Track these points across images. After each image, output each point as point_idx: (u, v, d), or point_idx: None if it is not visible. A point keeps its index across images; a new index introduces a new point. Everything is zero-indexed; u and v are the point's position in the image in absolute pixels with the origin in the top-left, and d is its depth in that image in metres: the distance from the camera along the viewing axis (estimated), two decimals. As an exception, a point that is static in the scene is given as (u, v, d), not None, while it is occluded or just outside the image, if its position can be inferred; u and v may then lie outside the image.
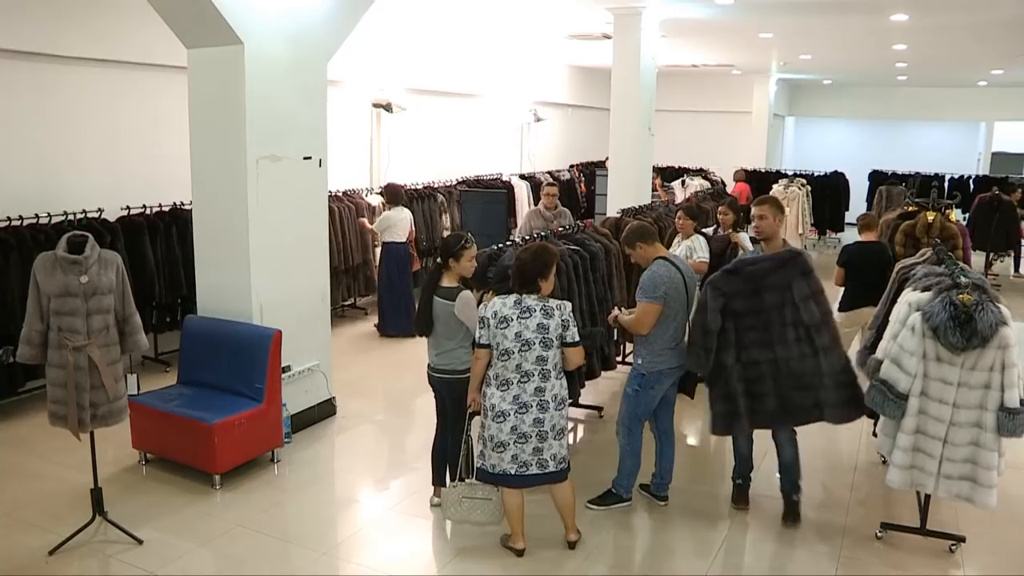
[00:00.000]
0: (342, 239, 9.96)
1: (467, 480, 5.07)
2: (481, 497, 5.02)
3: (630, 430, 5.60)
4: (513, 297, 4.77)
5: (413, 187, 11.79)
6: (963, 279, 4.77)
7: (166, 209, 8.35)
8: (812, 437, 7.08)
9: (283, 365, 6.26)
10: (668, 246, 7.48)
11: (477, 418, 5.02)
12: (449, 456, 5.48)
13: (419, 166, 12.76)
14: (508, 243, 6.43)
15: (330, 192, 9.33)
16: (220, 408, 5.88)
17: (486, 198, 12.45)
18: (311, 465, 6.44)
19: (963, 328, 4.53)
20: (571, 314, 4.84)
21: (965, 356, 4.63)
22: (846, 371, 5.26)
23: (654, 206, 9.42)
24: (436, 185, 12.42)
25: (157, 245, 8.12)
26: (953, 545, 5.25)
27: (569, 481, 5.01)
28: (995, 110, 21.57)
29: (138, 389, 5.66)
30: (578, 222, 7.56)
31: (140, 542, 5.03)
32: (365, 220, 10.01)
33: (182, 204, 8.22)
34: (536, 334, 4.69)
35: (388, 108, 11.74)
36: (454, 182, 13.02)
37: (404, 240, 9.76)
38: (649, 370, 5.43)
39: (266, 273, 6.38)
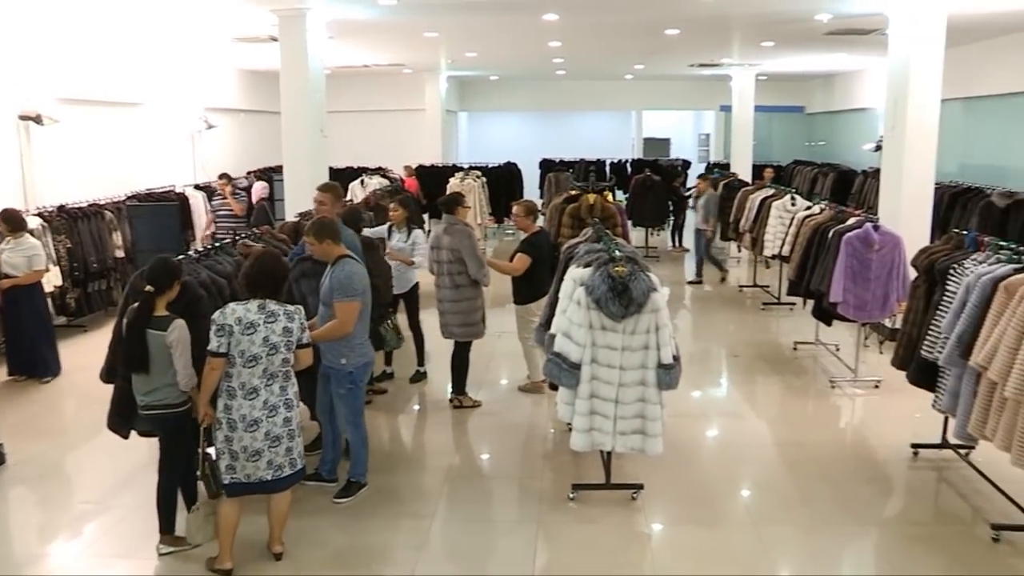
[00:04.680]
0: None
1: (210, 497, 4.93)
2: None
3: (356, 424, 5.82)
4: (256, 302, 4.73)
5: (76, 205, 10.93)
6: (617, 253, 5.28)
7: None
8: (509, 413, 7.55)
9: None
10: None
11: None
12: (181, 489, 5.22)
13: (81, 182, 11.82)
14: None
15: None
16: None
17: (157, 212, 11.82)
18: (-17, 520, 5.80)
19: (621, 297, 5.04)
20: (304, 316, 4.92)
21: (625, 322, 5.16)
22: None
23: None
24: (103, 202, 11.59)
25: None
26: (634, 493, 5.83)
27: (290, 489, 5.00)
28: (642, 100, 23.75)
29: None
30: (254, 229, 7.40)
31: None
32: (23, 278, 8.42)
33: None
34: (282, 337, 4.72)
35: (38, 120, 10.76)
36: (123, 197, 12.22)
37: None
38: (356, 365, 5.66)
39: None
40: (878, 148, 11.76)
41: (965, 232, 6.40)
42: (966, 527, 5.54)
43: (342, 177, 15.58)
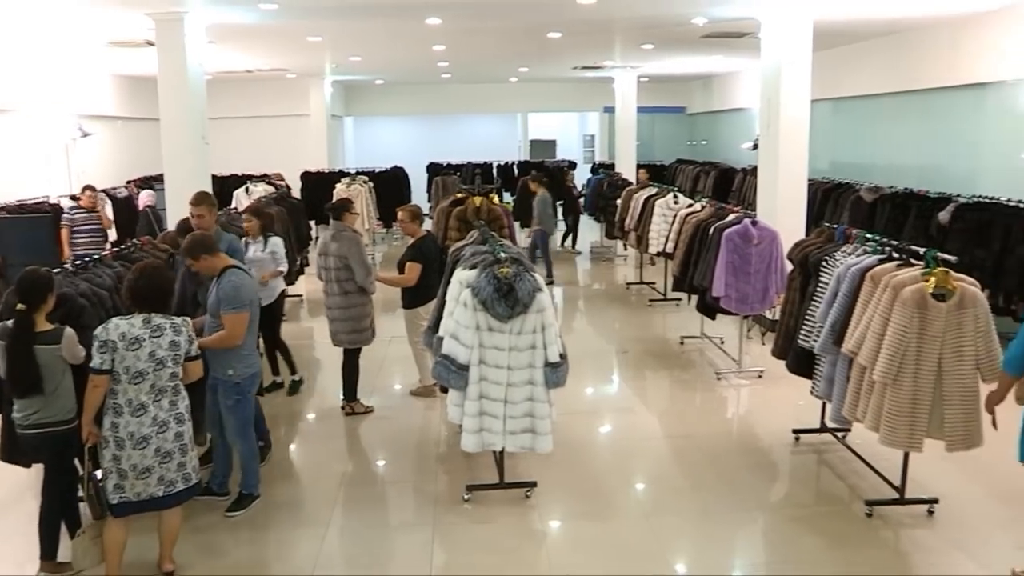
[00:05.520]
0: None
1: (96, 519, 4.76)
2: None
3: (245, 436, 5.72)
4: (140, 317, 4.59)
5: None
6: (503, 254, 5.34)
7: None
8: (402, 417, 7.54)
9: None
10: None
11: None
12: (65, 514, 5.01)
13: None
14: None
15: None
16: None
17: (27, 224, 11.32)
18: None
19: (507, 298, 5.11)
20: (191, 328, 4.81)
21: (512, 323, 5.23)
22: None
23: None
24: (-32, 215, 11.05)
25: None
26: (528, 491, 5.89)
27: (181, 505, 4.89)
28: (527, 102, 23.98)
29: None
30: (135, 240, 7.16)
31: None
32: None
33: None
34: (169, 352, 4.60)
35: None
36: (-9, 209, 11.66)
37: None
38: (244, 376, 5.57)
39: None
40: (755, 147, 12.19)
41: (835, 226, 6.70)
42: (844, 505, 5.80)
43: (226, 185, 15.26)
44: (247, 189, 14.84)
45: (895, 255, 5.56)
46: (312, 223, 15.54)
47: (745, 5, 9.82)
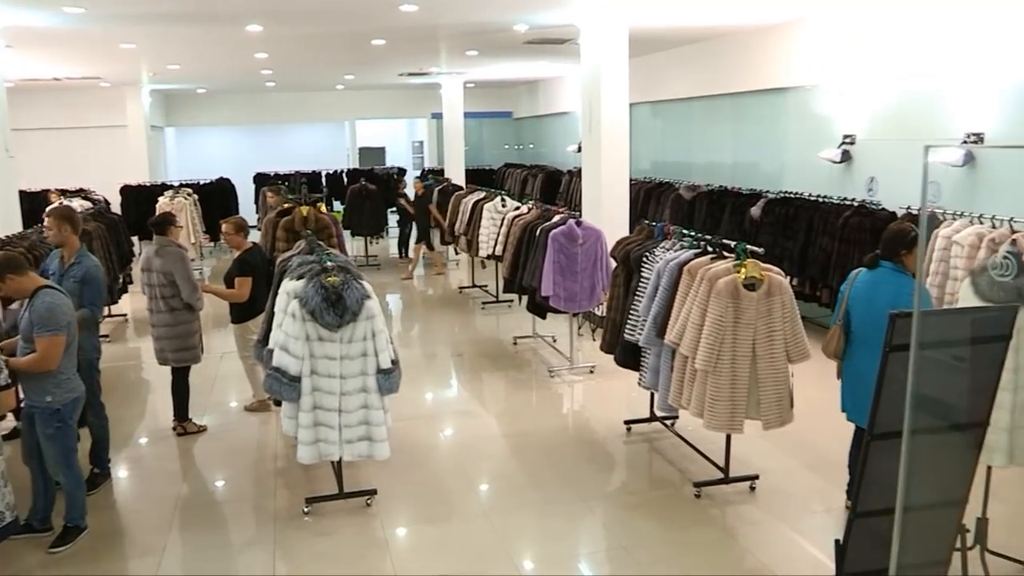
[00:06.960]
0: None
1: None
2: None
3: (68, 465, 5.40)
4: None
5: None
6: (329, 263, 5.31)
7: None
8: (237, 434, 7.35)
9: None
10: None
11: None
12: None
13: None
14: None
15: None
16: None
17: None
18: None
19: (335, 307, 5.09)
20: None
21: (341, 331, 5.21)
22: None
23: (26, 235, 8.66)
24: None
25: None
26: (368, 499, 5.87)
27: None
28: (354, 110, 23.76)
29: None
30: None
31: None
32: None
33: None
34: None
35: None
36: None
37: None
38: (64, 402, 5.26)
39: None
40: (580, 149, 12.56)
41: (655, 223, 7.01)
42: (675, 489, 6.08)
43: (36, 201, 14.41)
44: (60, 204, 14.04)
45: (709, 248, 5.88)
46: (135, 239, 14.89)
47: (564, 12, 10.10)
